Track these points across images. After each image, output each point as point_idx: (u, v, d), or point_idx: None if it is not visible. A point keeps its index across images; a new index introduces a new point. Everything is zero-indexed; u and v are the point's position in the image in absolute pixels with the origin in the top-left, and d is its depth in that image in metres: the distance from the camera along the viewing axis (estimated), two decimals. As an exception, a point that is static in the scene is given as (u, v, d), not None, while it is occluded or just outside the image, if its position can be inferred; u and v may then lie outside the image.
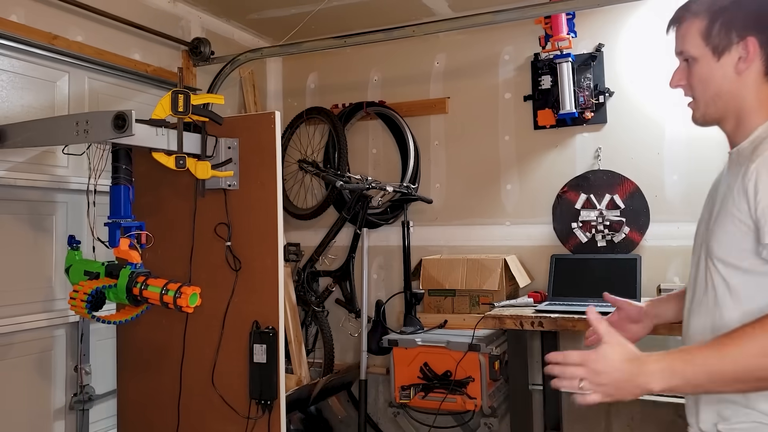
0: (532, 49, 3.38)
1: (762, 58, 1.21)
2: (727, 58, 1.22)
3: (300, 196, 3.86)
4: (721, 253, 1.21)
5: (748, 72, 1.22)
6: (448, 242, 3.55)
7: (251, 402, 2.34)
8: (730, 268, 1.20)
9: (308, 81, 4.00)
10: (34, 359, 2.57)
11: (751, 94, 1.23)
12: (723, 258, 1.21)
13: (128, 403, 2.59)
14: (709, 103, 1.27)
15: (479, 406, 2.84)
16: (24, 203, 2.54)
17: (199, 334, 2.44)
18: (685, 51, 1.27)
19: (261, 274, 2.36)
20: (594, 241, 3.15)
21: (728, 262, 1.20)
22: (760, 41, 1.20)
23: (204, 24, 3.47)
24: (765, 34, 1.20)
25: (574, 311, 2.67)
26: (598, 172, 3.19)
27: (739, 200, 1.16)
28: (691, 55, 1.26)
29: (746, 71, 1.22)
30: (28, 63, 2.56)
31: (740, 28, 1.21)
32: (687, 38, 1.26)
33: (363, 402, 3.25)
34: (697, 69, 1.26)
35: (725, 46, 1.22)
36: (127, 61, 2.97)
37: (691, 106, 1.31)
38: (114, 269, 2.25)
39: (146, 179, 2.50)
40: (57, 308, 2.63)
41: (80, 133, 2.01)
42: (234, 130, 2.41)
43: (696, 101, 1.29)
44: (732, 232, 1.18)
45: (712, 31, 1.23)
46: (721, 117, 1.27)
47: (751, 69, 1.22)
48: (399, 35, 3.07)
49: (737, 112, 1.25)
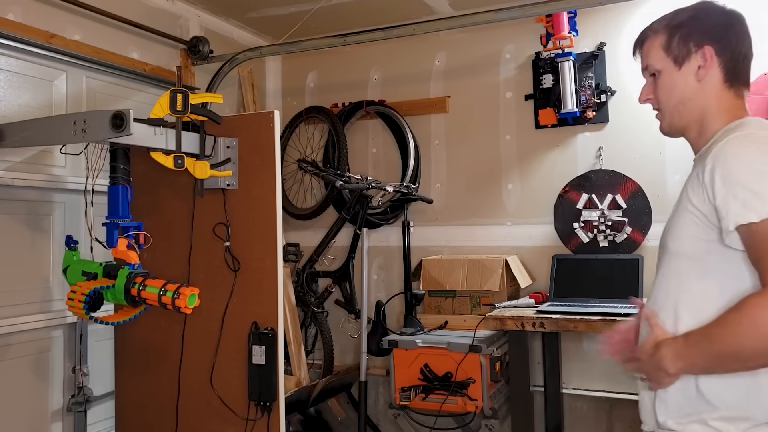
0: (533, 48, 3.37)
1: (720, 66, 1.30)
2: (687, 66, 1.32)
3: (299, 196, 3.86)
4: (675, 246, 1.30)
5: (708, 79, 1.31)
6: (448, 242, 3.55)
7: (250, 403, 2.34)
8: (682, 257, 1.28)
9: (308, 80, 3.99)
10: (32, 360, 2.56)
11: (712, 102, 1.31)
12: (677, 250, 1.29)
13: (126, 404, 2.59)
14: (673, 111, 1.35)
15: (480, 407, 2.84)
16: (21, 203, 2.54)
17: (197, 335, 2.44)
18: (650, 65, 1.37)
19: (260, 274, 2.36)
20: (596, 242, 3.14)
21: (681, 251, 1.28)
22: (716, 49, 1.30)
23: (203, 22, 3.47)
24: (720, 43, 1.30)
25: (576, 312, 2.66)
26: (599, 172, 3.19)
27: (692, 194, 1.24)
28: (656, 68, 1.36)
29: (706, 78, 1.31)
30: (26, 62, 2.56)
31: (697, 38, 1.31)
32: (650, 53, 1.37)
33: (363, 403, 3.24)
34: (661, 80, 1.35)
35: (685, 56, 1.32)
36: (125, 59, 2.96)
37: (658, 117, 1.40)
38: (112, 270, 2.25)
39: (144, 179, 2.50)
40: (54, 309, 2.62)
41: (78, 133, 2.01)
42: (233, 130, 2.40)
43: (662, 112, 1.38)
44: (685, 223, 1.26)
45: (672, 44, 1.33)
46: (686, 125, 1.35)
47: (711, 76, 1.31)
48: (399, 34, 3.07)
49: (700, 119, 1.33)
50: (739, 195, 1.14)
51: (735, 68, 1.31)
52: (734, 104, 1.32)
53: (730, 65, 1.30)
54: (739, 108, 1.32)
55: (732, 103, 1.31)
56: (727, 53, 1.30)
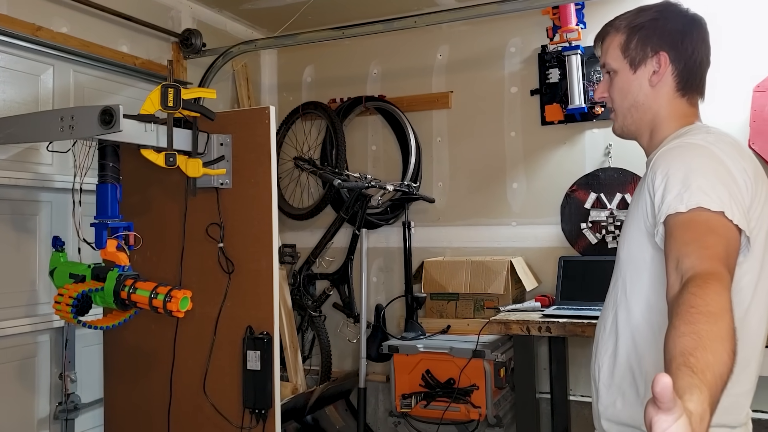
0: (539, 41, 3.38)
1: (673, 74, 1.34)
2: (642, 70, 1.35)
3: (296, 195, 3.86)
4: (624, 254, 1.33)
5: (661, 85, 1.34)
6: (451, 243, 3.55)
7: (245, 411, 2.34)
8: (629, 264, 1.31)
9: (304, 74, 4.00)
10: (17, 366, 2.56)
11: (663, 108, 1.35)
12: (625, 257, 1.33)
13: (116, 412, 2.59)
14: (626, 113, 1.39)
15: (484, 415, 2.85)
16: (6, 202, 2.54)
17: (190, 339, 2.44)
18: (607, 64, 1.41)
19: (255, 277, 2.36)
20: (604, 243, 3.15)
21: (629, 259, 1.31)
22: (671, 57, 1.33)
23: (195, 14, 3.47)
24: (676, 51, 1.33)
25: (584, 316, 2.66)
26: (608, 170, 3.19)
27: (640, 200, 1.26)
28: (612, 67, 1.39)
29: (659, 84, 1.34)
30: (10, 55, 2.56)
31: (655, 43, 1.34)
32: (609, 52, 1.40)
33: (362, 411, 3.25)
34: (616, 81, 1.39)
35: (641, 59, 1.35)
36: (115, 53, 2.97)
37: (612, 117, 1.45)
38: (101, 272, 2.25)
39: (134, 177, 2.50)
40: (41, 313, 2.62)
41: (65, 129, 2.01)
42: (227, 126, 2.41)
43: (616, 113, 1.42)
44: (634, 230, 1.29)
45: (630, 45, 1.36)
46: (638, 129, 1.40)
47: (664, 82, 1.34)
48: (400, 26, 3.08)
49: (652, 124, 1.37)
50: (673, 190, 1.15)
51: (689, 76, 1.34)
52: (687, 111, 1.36)
53: (684, 73, 1.34)
54: (692, 115, 1.36)
55: (684, 111, 1.35)
56: (682, 61, 1.34)
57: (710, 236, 1.07)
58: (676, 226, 1.12)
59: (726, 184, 1.14)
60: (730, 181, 1.15)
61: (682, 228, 1.10)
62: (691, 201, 1.11)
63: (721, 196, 1.11)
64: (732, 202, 1.11)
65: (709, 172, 1.15)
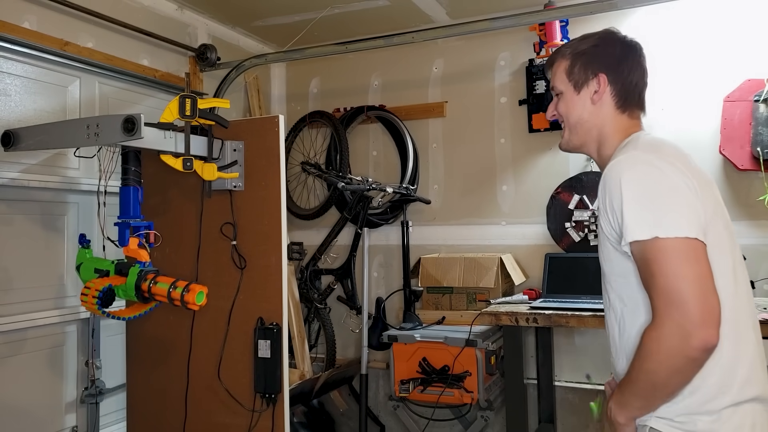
0: (527, 55, 3.37)
1: (612, 93, 1.39)
2: (585, 91, 1.41)
3: (303, 197, 3.86)
4: (607, 268, 1.33)
5: (602, 103, 1.40)
6: (446, 241, 3.55)
7: (256, 395, 2.34)
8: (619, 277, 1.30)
9: (311, 86, 4.00)
10: (47, 354, 2.56)
11: (607, 124, 1.40)
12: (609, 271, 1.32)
13: (137, 396, 2.59)
14: (572, 130, 1.44)
15: (476, 399, 2.84)
16: (37, 204, 2.54)
17: (205, 330, 2.44)
18: (555, 86, 1.46)
19: (265, 272, 2.36)
20: (586, 240, 3.14)
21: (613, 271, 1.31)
22: (609, 78, 1.39)
23: (210, 31, 3.47)
24: (615, 73, 1.39)
25: (568, 308, 2.66)
26: (590, 174, 3.18)
27: (602, 219, 1.28)
28: (559, 89, 1.45)
29: (600, 102, 1.40)
30: (41, 68, 2.56)
31: (595, 67, 1.40)
32: (556, 75, 1.45)
33: (364, 396, 3.24)
34: (563, 101, 1.44)
35: (583, 81, 1.41)
36: (136, 66, 2.96)
37: (562, 134, 1.49)
38: (123, 267, 2.25)
39: (155, 181, 2.50)
40: (69, 305, 2.63)
41: (91, 136, 2.01)
42: (239, 133, 2.41)
43: (564, 128, 1.47)
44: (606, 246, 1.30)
45: (573, 70, 1.42)
46: (582, 143, 1.44)
47: (604, 101, 1.40)
48: (399, 41, 3.07)
49: (598, 138, 1.41)
50: (628, 216, 1.19)
51: (626, 95, 1.39)
52: (628, 125, 1.39)
53: (621, 92, 1.39)
54: (633, 126, 1.40)
55: (625, 124, 1.39)
56: (620, 82, 1.38)
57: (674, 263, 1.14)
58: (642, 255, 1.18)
59: (676, 204, 1.18)
60: (680, 198, 1.18)
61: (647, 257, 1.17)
62: (647, 232, 1.16)
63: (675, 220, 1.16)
64: (684, 219, 1.16)
65: (661, 195, 1.19)
